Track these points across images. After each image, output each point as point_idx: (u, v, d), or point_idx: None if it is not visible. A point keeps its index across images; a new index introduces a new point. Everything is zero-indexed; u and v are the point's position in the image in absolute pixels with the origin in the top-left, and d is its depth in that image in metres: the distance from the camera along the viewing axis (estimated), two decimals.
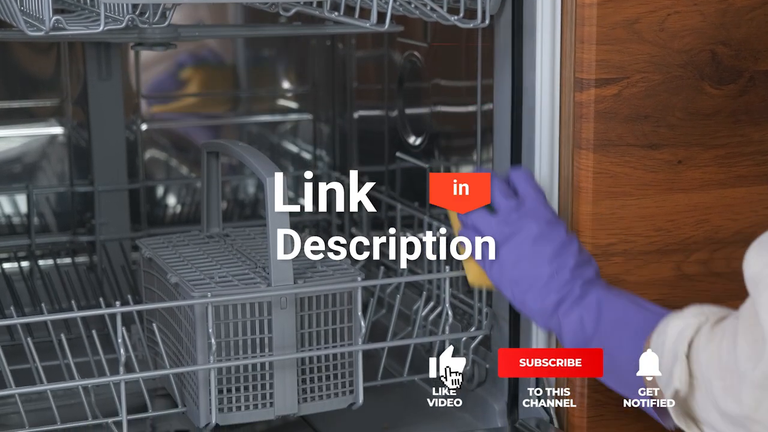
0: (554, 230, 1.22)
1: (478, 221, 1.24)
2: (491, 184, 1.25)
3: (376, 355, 1.44)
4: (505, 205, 1.24)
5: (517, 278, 1.21)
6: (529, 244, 1.21)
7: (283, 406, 1.31)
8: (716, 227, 1.31)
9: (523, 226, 1.22)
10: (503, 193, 1.24)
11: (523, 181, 1.26)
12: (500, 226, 1.23)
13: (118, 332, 1.27)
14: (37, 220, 1.84)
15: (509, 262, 1.22)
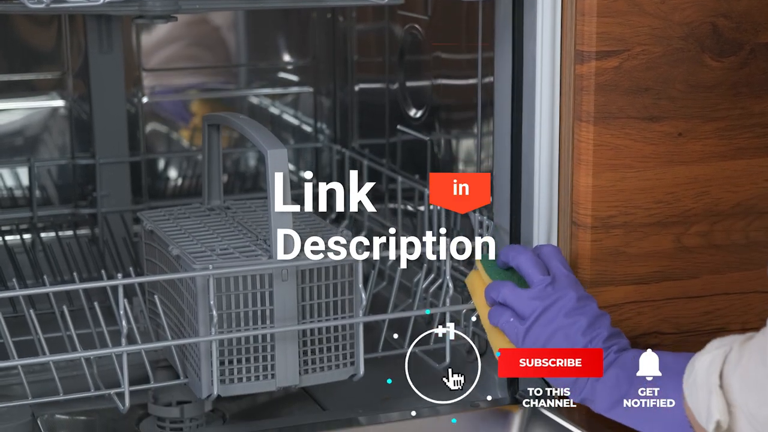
0: (587, 305, 1.24)
1: (510, 297, 1.26)
2: (523, 259, 1.27)
3: (377, 327, 1.44)
4: (539, 279, 1.26)
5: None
6: (563, 317, 1.23)
7: (284, 377, 1.31)
8: (716, 199, 1.31)
9: (558, 300, 1.24)
10: (537, 268, 1.27)
11: (554, 258, 1.28)
12: (534, 300, 1.25)
13: (120, 304, 1.27)
14: (38, 193, 1.85)
15: (544, 335, 1.23)
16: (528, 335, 1.24)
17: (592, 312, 1.23)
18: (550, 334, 1.23)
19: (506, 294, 1.26)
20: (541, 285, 1.25)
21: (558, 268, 1.27)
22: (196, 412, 1.40)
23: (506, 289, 1.27)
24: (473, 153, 1.57)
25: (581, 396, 1.22)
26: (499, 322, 1.27)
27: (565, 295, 1.24)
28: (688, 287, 1.32)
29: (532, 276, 1.26)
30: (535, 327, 1.24)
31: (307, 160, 2.00)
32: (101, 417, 1.43)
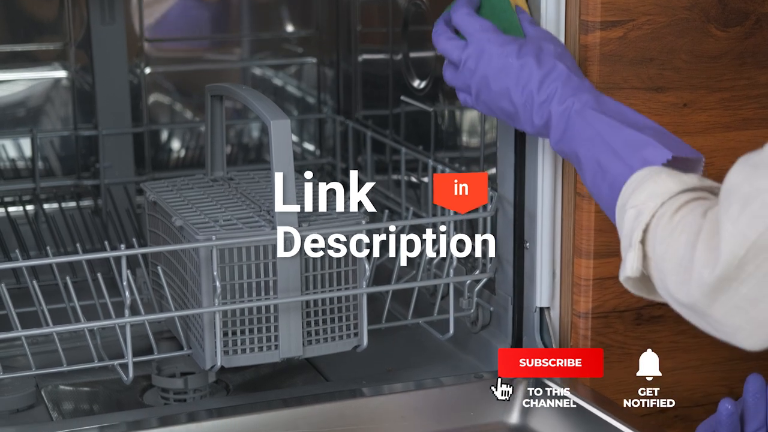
0: (507, 62, 1.21)
1: (450, 80, 1.27)
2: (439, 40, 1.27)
3: (381, 298, 1.44)
4: (458, 57, 1.25)
5: (504, 116, 1.23)
6: (493, 86, 1.22)
7: (287, 348, 1.31)
8: (721, 170, 1.30)
9: (480, 71, 1.23)
10: (453, 48, 1.25)
11: (462, 24, 1.26)
12: (465, 79, 1.24)
13: (123, 275, 1.27)
14: (41, 164, 1.84)
15: (491, 105, 1.23)
16: (481, 108, 1.25)
17: (513, 68, 1.21)
18: (495, 103, 1.22)
19: (448, 79, 1.27)
20: (462, 63, 1.25)
21: (469, 33, 1.25)
22: (200, 383, 1.40)
23: (447, 75, 1.28)
24: (477, 124, 1.57)
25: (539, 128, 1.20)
26: (462, 102, 1.28)
27: (483, 62, 1.23)
28: None
29: (453, 58, 1.26)
30: (480, 100, 1.24)
31: (310, 131, 2.00)
32: (105, 388, 1.43)
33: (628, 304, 1.30)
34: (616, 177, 1.11)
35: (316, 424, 1.26)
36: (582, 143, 1.14)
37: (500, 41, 1.22)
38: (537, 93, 1.18)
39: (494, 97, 1.22)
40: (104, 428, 1.23)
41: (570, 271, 1.31)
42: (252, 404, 1.29)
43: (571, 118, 1.16)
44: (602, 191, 1.12)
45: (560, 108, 1.17)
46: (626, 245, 1.06)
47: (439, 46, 1.27)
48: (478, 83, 1.23)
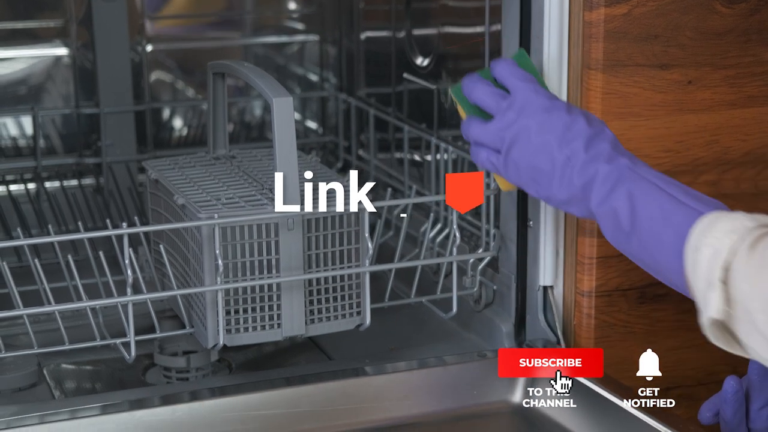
0: (553, 115, 1.17)
1: (478, 134, 1.22)
2: (476, 89, 1.23)
3: (384, 277, 1.44)
4: (496, 107, 1.21)
5: (534, 176, 1.18)
6: (534, 138, 1.17)
7: (290, 327, 1.31)
8: (725, 148, 1.30)
9: (522, 122, 1.18)
10: (491, 95, 1.21)
11: (508, 75, 1.22)
12: (499, 131, 1.20)
13: (125, 253, 1.27)
14: (43, 142, 1.84)
15: (523, 163, 1.18)
16: (507, 168, 1.20)
17: (561, 121, 1.17)
18: (528, 160, 1.17)
19: (475, 133, 1.22)
20: (501, 112, 1.20)
21: (514, 84, 1.21)
22: (203, 362, 1.40)
23: (474, 129, 1.22)
24: None
25: (587, 215, 1.16)
26: (479, 163, 1.23)
27: (527, 114, 1.18)
28: None
29: (491, 107, 1.21)
30: (510, 156, 1.19)
31: (312, 109, 1.99)
32: (107, 366, 1.43)
33: (632, 283, 1.30)
34: (682, 221, 1.07)
35: (318, 402, 1.25)
36: (638, 195, 1.11)
37: (548, 95, 1.20)
38: (584, 151, 1.15)
39: (531, 151, 1.17)
40: (106, 407, 1.22)
41: (573, 249, 1.31)
42: (254, 383, 1.29)
43: (623, 174, 1.13)
44: (664, 238, 1.08)
45: (609, 166, 1.13)
46: (704, 286, 1.03)
47: (475, 93, 1.23)
48: (515, 135, 1.19)
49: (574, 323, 1.32)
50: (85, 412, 1.21)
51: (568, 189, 1.15)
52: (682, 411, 1.17)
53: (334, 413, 1.26)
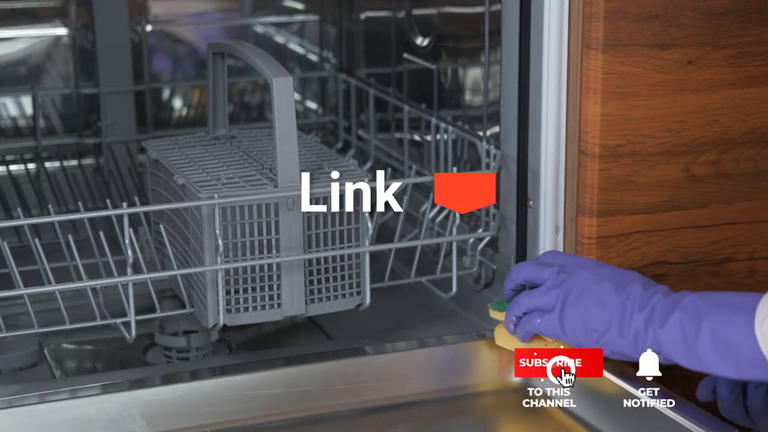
0: (604, 267, 1.19)
1: (529, 301, 1.21)
2: (527, 269, 1.23)
3: (383, 257, 1.44)
4: (548, 271, 1.21)
5: (594, 326, 1.16)
6: (590, 287, 1.17)
7: (290, 307, 1.31)
8: (726, 128, 1.30)
9: (576, 277, 1.18)
10: (540, 265, 1.22)
11: (555, 255, 1.25)
12: (552, 289, 1.19)
13: (125, 233, 1.27)
14: (42, 123, 1.84)
15: (580, 314, 1.17)
16: (564, 322, 1.18)
17: (614, 271, 1.18)
18: (585, 310, 1.17)
19: (525, 301, 1.21)
20: (553, 273, 1.20)
21: (562, 257, 1.23)
22: (203, 342, 1.40)
23: (524, 298, 1.21)
24: (480, 82, 1.56)
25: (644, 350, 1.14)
26: (531, 329, 1.21)
27: (579, 269, 1.19)
28: (697, 217, 1.32)
29: (540, 273, 1.21)
30: (566, 310, 1.18)
31: (312, 89, 1.99)
32: (108, 346, 1.43)
33: (632, 263, 1.30)
34: (748, 308, 1.07)
35: (318, 382, 1.26)
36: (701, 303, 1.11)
37: (597, 261, 1.22)
38: (644, 289, 1.15)
39: (589, 299, 1.16)
40: (107, 386, 1.23)
41: (573, 229, 1.31)
42: (255, 362, 1.29)
43: (684, 300, 1.12)
44: (735, 320, 1.08)
45: (667, 298, 1.13)
46: None
47: (525, 269, 1.24)
48: (570, 287, 1.18)
49: None
50: (85, 391, 1.22)
51: (630, 328, 1.14)
52: (680, 389, 1.17)
53: (334, 393, 1.26)
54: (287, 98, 1.27)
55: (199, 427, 1.21)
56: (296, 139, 1.28)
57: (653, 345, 1.13)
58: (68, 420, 1.18)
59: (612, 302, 1.15)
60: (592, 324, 1.16)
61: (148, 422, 1.20)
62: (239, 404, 1.23)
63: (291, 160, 1.28)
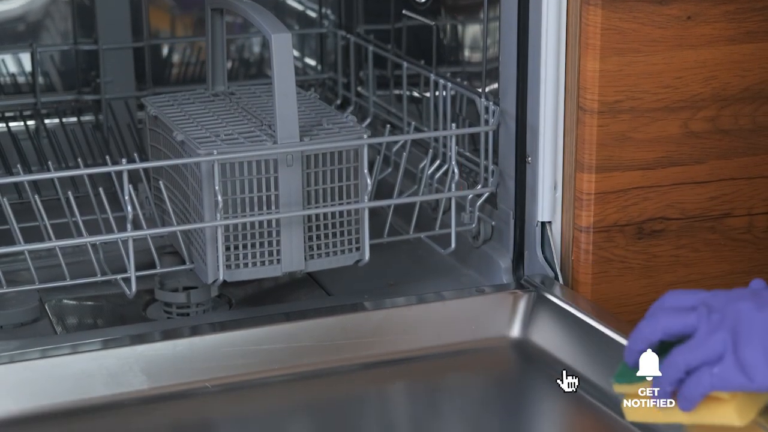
0: (755, 292, 1.00)
1: (689, 356, 0.98)
2: (664, 320, 1.00)
3: (382, 213, 1.45)
4: (694, 316, 0.99)
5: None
6: (757, 320, 0.97)
7: (290, 263, 1.32)
8: (724, 84, 1.30)
9: (735, 311, 0.98)
10: (678, 311, 1.01)
11: (682, 295, 1.03)
12: (714, 332, 0.97)
13: (125, 189, 1.27)
14: (41, 79, 1.83)
15: (759, 354, 0.95)
16: (744, 366, 0.96)
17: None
18: (764, 344, 0.95)
19: (684, 357, 0.98)
20: (703, 316, 0.99)
21: (693, 295, 1.02)
22: (203, 298, 1.41)
23: (681, 354, 0.98)
24: (479, 39, 1.56)
25: None
26: (706, 387, 0.97)
27: (733, 303, 0.98)
28: (695, 172, 1.32)
29: (685, 320, 1.00)
30: (742, 352, 0.96)
31: (311, 46, 1.98)
32: (108, 302, 1.44)
33: (630, 218, 1.31)
34: None
35: (317, 337, 1.26)
36: None
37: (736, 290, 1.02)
38: None
39: (763, 325, 0.96)
40: (107, 341, 1.23)
41: (572, 185, 1.31)
42: (254, 318, 1.30)
43: None
44: None
45: None
46: None
47: (662, 320, 1.00)
48: (734, 325, 0.97)
49: (572, 259, 1.33)
50: (86, 346, 1.22)
51: None
52: None
53: (333, 348, 1.27)
54: (286, 55, 1.27)
55: (199, 382, 1.22)
56: (295, 95, 1.28)
57: None
58: (69, 375, 1.19)
59: None
60: None
61: (149, 377, 1.21)
62: (239, 359, 1.24)
63: (290, 116, 1.28)
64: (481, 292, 1.34)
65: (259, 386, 1.23)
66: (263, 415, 1.20)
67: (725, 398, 0.98)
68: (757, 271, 1.33)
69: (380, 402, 1.25)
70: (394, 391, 1.26)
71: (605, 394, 1.18)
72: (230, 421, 1.19)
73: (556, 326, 1.27)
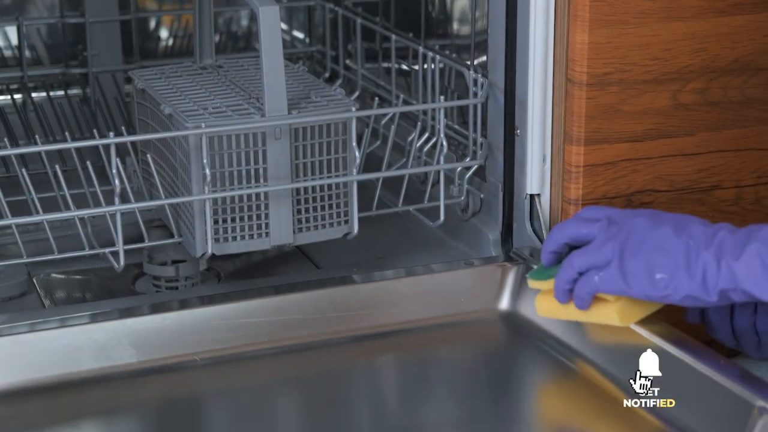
0: (659, 213, 1.13)
1: (583, 259, 1.13)
2: (570, 227, 1.15)
3: (371, 186, 1.44)
4: (597, 226, 1.14)
5: (659, 272, 1.10)
6: (647, 236, 1.10)
7: (278, 236, 1.32)
8: (713, 56, 1.30)
9: (630, 226, 1.12)
10: (584, 221, 1.15)
11: (597, 209, 1.17)
12: (608, 242, 1.12)
13: (113, 163, 1.27)
14: (28, 53, 1.83)
15: (642, 266, 1.10)
16: (626, 275, 1.10)
17: (670, 216, 1.12)
18: (647, 258, 1.10)
19: (578, 260, 1.13)
20: (602, 227, 1.13)
21: (605, 210, 1.16)
22: (191, 271, 1.40)
23: (577, 257, 1.13)
24: (468, 11, 1.55)
25: (718, 290, 1.07)
26: (591, 289, 1.13)
27: (631, 218, 1.12)
28: (684, 145, 1.32)
29: (587, 230, 1.14)
30: (626, 262, 1.11)
31: (299, 19, 1.98)
32: (96, 276, 1.43)
33: (618, 191, 1.30)
34: None
35: (306, 310, 1.26)
36: None
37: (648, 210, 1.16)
38: (705, 227, 1.10)
39: (649, 247, 1.10)
40: (96, 315, 1.23)
41: (560, 157, 1.31)
42: (243, 291, 1.30)
43: (749, 233, 1.07)
44: None
45: (733, 235, 1.08)
46: None
47: (568, 227, 1.16)
48: (627, 238, 1.11)
49: None
50: (74, 320, 1.22)
51: (696, 266, 1.08)
52: (665, 316, 1.18)
53: (322, 321, 1.27)
54: (274, 28, 1.27)
55: (188, 355, 1.22)
56: (283, 68, 1.28)
57: (727, 281, 1.07)
58: (58, 349, 1.19)
59: (674, 245, 1.09)
60: (657, 270, 1.10)
61: (138, 350, 1.21)
62: (228, 333, 1.24)
63: (278, 89, 1.28)
64: (469, 264, 1.34)
65: (248, 359, 1.23)
66: (252, 388, 1.20)
67: (610, 300, 1.13)
68: None
69: (369, 374, 1.25)
70: (383, 364, 1.26)
71: (593, 364, 1.18)
72: (219, 394, 1.19)
73: None
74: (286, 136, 1.29)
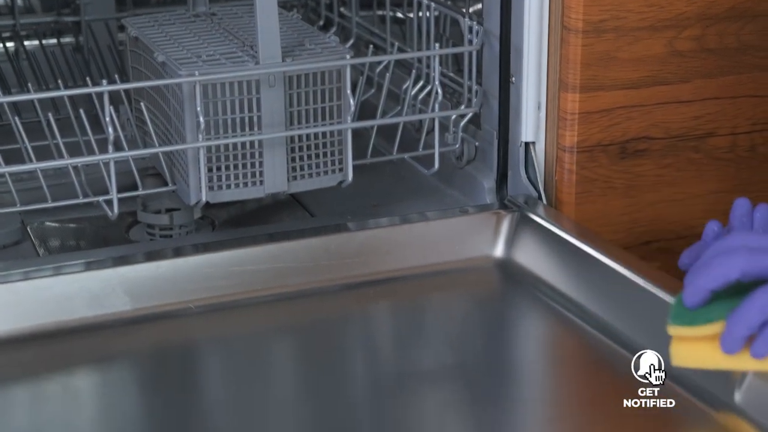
0: None
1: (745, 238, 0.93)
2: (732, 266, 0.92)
3: (366, 134, 1.44)
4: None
5: None
6: None
7: (272, 184, 1.31)
8: (710, 3, 1.29)
9: None
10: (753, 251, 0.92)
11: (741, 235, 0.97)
12: None
13: (106, 111, 1.26)
14: (20, 1, 1.81)
15: None
16: None
17: None
18: None
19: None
20: None
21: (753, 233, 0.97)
22: (186, 219, 1.40)
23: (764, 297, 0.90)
24: None
25: None
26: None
27: None
28: (679, 92, 1.31)
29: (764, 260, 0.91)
30: None
31: None
32: (91, 224, 1.43)
33: (613, 138, 1.30)
34: None
35: (301, 258, 1.26)
36: None
37: None
38: None
39: None
40: (90, 263, 1.23)
41: (555, 105, 1.31)
42: (238, 239, 1.30)
43: None
44: None
45: None
46: None
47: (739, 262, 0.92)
48: None
49: (555, 179, 1.33)
50: (69, 268, 1.22)
51: None
52: (660, 264, 1.18)
53: (317, 269, 1.27)
54: None
55: (182, 302, 1.22)
56: (277, 15, 1.27)
57: None
58: (52, 297, 1.19)
59: None
60: None
61: (132, 298, 1.21)
62: (222, 281, 1.24)
63: (272, 36, 1.27)
64: (464, 212, 1.34)
65: (243, 307, 1.23)
66: (247, 336, 1.20)
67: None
68: (739, 191, 1.33)
69: (364, 322, 1.25)
70: (377, 311, 1.26)
71: (587, 312, 1.18)
72: (214, 342, 1.19)
73: (539, 246, 1.28)
74: (280, 84, 1.29)
